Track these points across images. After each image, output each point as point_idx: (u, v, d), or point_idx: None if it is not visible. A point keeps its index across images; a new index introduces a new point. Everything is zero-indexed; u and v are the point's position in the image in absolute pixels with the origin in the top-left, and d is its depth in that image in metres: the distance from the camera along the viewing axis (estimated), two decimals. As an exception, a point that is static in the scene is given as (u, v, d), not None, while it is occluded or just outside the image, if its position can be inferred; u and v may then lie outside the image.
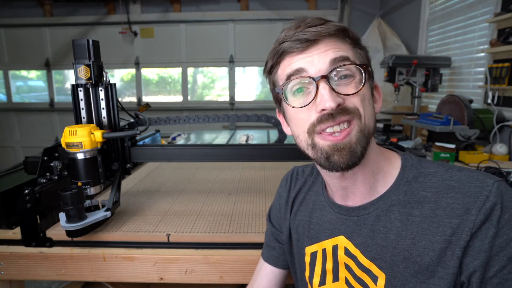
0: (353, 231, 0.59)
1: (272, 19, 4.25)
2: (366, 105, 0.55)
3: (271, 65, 0.60)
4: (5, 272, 0.93)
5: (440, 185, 0.54)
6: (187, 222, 1.01)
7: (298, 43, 0.54)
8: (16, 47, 4.51)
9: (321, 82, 0.52)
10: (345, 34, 0.55)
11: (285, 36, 0.56)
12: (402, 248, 0.53)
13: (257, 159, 1.12)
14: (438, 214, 0.52)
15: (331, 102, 0.51)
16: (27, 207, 0.88)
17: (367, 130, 0.55)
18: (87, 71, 0.94)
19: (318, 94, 0.53)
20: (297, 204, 0.72)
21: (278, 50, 0.57)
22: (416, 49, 3.14)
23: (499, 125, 1.89)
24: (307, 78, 0.54)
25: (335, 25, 0.54)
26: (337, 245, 0.62)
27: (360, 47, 0.58)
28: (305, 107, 0.54)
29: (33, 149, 4.48)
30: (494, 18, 1.92)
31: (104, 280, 0.95)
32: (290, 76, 0.55)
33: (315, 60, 0.53)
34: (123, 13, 4.22)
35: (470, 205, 0.50)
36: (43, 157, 0.93)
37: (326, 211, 0.65)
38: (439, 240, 0.51)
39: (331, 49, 0.54)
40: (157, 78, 4.75)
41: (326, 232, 0.64)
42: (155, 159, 1.18)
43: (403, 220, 0.54)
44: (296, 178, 0.75)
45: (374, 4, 4.08)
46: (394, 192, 0.57)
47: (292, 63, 0.55)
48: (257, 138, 2.31)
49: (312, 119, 0.54)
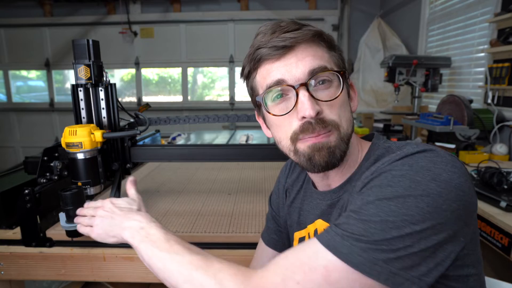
0: (329, 213, 0.62)
1: (272, 19, 4.13)
2: (344, 111, 0.57)
3: (248, 70, 0.61)
4: (5, 272, 0.93)
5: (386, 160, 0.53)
6: (187, 222, 1.01)
7: (274, 50, 0.54)
8: (16, 47, 4.50)
9: (301, 90, 0.53)
10: (320, 39, 0.57)
11: (261, 42, 0.56)
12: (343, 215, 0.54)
13: (257, 159, 1.12)
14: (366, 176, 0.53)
15: (310, 110, 0.52)
16: (27, 207, 0.88)
17: (346, 136, 0.57)
18: (87, 71, 0.94)
19: (299, 102, 0.54)
20: (294, 192, 0.74)
21: (255, 57, 0.57)
22: (416, 49, 3.14)
23: (499, 125, 1.89)
24: (287, 86, 0.55)
25: (311, 30, 0.55)
26: (316, 229, 0.64)
27: (334, 50, 0.59)
28: (286, 115, 0.56)
29: (33, 149, 4.48)
30: (494, 18, 1.92)
31: (104, 280, 0.95)
32: (270, 86, 0.56)
33: (293, 69, 0.54)
34: (123, 13, 4.22)
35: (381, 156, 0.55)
36: (43, 157, 0.93)
37: (313, 198, 0.68)
38: None
39: (308, 56, 0.55)
40: (157, 78, 4.75)
41: (310, 217, 0.67)
42: (155, 159, 1.18)
43: (351, 193, 0.57)
44: (295, 166, 0.77)
45: (374, 4, 4.08)
46: (358, 173, 0.60)
47: (271, 72, 0.56)
48: (257, 138, 2.31)
49: (294, 126, 0.56)
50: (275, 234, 0.79)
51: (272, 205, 0.81)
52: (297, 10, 4.22)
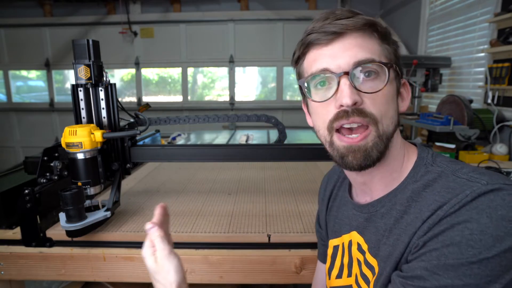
0: (365, 227, 0.60)
1: (272, 19, 4.25)
2: (387, 107, 0.54)
3: (298, 56, 0.60)
4: (5, 272, 0.93)
5: (440, 186, 0.51)
6: (187, 222, 1.01)
7: (324, 35, 0.53)
8: (16, 47, 4.51)
9: (343, 78, 0.52)
10: (373, 29, 0.54)
11: (313, 28, 0.55)
12: (389, 244, 0.54)
13: (257, 159, 1.12)
14: (423, 210, 0.50)
15: (347, 98, 0.51)
16: (27, 207, 0.88)
17: (385, 135, 0.54)
18: (87, 71, 0.94)
19: (339, 90, 0.52)
20: (331, 200, 0.74)
21: (305, 42, 0.56)
22: (416, 49, 3.14)
23: (499, 125, 1.89)
24: (330, 73, 0.54)
25: (364, 19, 0.53)
26: (351, 240, 0.63)
27: (388, 43, 0.56)
28: (325, 102, 0.55)
29: (33, 149, 4.48)
30: (494, 18, 1.92)
31: (104, 280, 0.95)
32: (313, 74, 0.55)
33: (339, 58, 0.53)
34: (123, 13, 4.22)
35: (448, 200, 0.47)
36: (43, 157, 0.93)
37: (347, 207, 0.67)
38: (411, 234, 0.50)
39: (356, 46, 0.53)
40: (157, 78, 4.75)
41: (346, 227, 0.66)
42: (155, 159, 1.18)
43: (397, 218, 0.54)
44: (331, 177, 0.77)
45: (374, 4, 4.08)
46: (401, 191, 0.56)
47: (317, 58, 0.55)
48: (257, 138, 2.31)
49: (330, 115, 0.54)
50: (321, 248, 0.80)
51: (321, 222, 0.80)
52: (297, 10, 4.23)
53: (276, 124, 1.16)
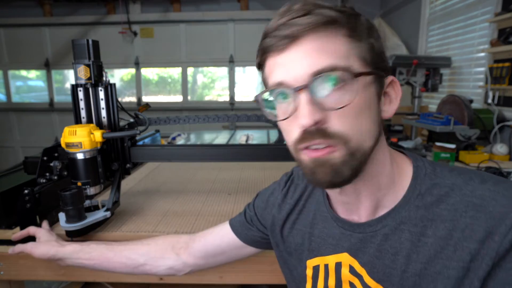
0: (358, 248, 0.53)
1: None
2: (360, 121, 0.46)
3: (258, 62, 0.53)
4: (5, 272, 0.93)
5: (458, 202, 0.46)
6: (187, 222, 1.01)
7: (278, 40, 0.45)
8: (16, 47, 4.50)
9: (301, 93, 0.44)
10: (337, 25, 0.45)
11: (268, 29, 0.48)
12: (413, 273, 0.47)
13: (257, 159, 1.12)
14: (455, 236, 0.45)
15: (305, 118, 0.43)
16: (27, 207, 0.88)
17: (360, 151, 0.46)
18: (87, 71, 0.94)
19: (298, 107, 0.45)
20: (296, 212, 0.65)
21: (262, 46, 0.49)
22: (416, 49, 3.14)
23: (499, 125, 1.89)
24: (287, 89, 0.46)
25: (324, 15, 0.44)
26: (340, 262, 0.56)
27: (361, 38, 0.46)
28: (287, 120, 0.48)
29: (33, 149, 4.48)
30: (494, 18, 1.92)
31: (104, 280, 0.95)
32: (271, 87, 0.49)
33: (295, 67, 0.45)
34: (123, 13, 4.22)
35: (494, 228, 0.42)
36: (43, 157, 0.93)
37: (329, 224, 0.58)
38: (456, 266, 0.44)
39: (315, 51, 0.44)
40: (157, 78, 4.75)
41: (329, 248, 0.57)
42: (155, 159, 1.18)
43: (414, 241, 0.48)
44: (296, 184, 0.68)
45: (374, 4, 4.08)
46: (404, 208, 0.50)
47: (273, 69, 0.48)
48: (257, 138, 2.31)
49: (295, 135, 0.47)
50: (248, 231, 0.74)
51: (256, 208, 0.74)
52: (297, 10, 4.22)
53: (276, 124, 1.16)
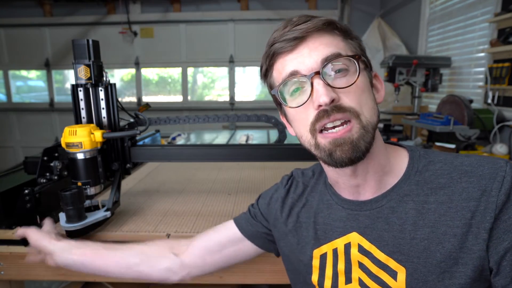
0: (367, 226, 0.58)
1: (272, 19, 4.25)
2: (364, 99, 0.54)
3: (266, 68, 0.61)
4: (5, 272, 0.93)
5: (452, 171, 0.54)
6: (187, 222, 1.01)
7: (287, 43, 0.54)
8: (16, 47, 4.50)
9: (315, 79, 0.53)
10: (333, 27, 0.55)
11: (274, 38, 0.56)
12: (421, 238, 0.52)
13: (257, 159, 1.12)
14: (454, 199, 0.52)
15: (324, 97, 0.51)
16: (27, 207, 0.88)
17: (370, 125, 0.54)
18: (87, 71, 0.94)
19: (314, 91, 0.53)
20: (299, 205, 0.69)
21: (269, 53, 0.57)
22: (416, 49, 3.14)
23: (499, 125, 1.89)
24: (301, 77, 0.54)
25: (322, 20, 0.54)
26: (349, 243, 0.59)
27: (351, 38, 0.57)
28: (302, 106, 0.54)
29: (33, 149, 4.48)
30: (494, 18, 1.92)
31: (104, 280, 0.95)
32: (284, 79, 0.56)
33: (306, 59, 0.54)
34: (123, 13, 4.22)
35: (488, 186, 0.50)
36: (43, 157, 0.93)
37: (334, 209, 0.63)
38: (459, 224, 0.50)
39: (321, 44, 0.54)
40: (157, 78, 4.75)
41: (337, 231, 0.61)
42: (155, 159, 1.18)
43: (418, 209, 0.54)
44: (298, 181, 0.73)
45: (374, 4, 4.08)
46: (405, 182, 0.57)
47: (285, 65, 0.56)
48: (257, 138, 2.31)
49: (311, 118, 0.54)
50: (252, 227, 0.76)
51: (260, 205, 0.77)
52: (297, 10, 4.22)
53: (276, 124, 1.16)
